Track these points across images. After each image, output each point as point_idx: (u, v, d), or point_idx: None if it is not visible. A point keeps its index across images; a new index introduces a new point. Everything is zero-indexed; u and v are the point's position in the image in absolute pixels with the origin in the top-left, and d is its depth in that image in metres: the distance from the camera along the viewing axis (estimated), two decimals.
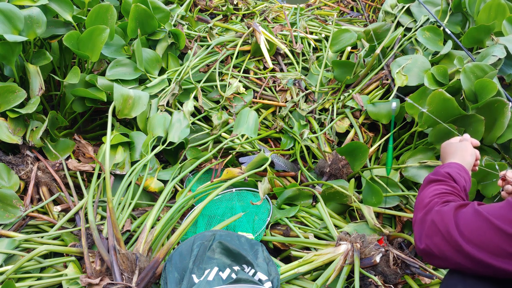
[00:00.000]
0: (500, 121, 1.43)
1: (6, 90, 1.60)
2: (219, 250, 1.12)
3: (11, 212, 1.45)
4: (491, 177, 1.34)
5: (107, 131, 1.48)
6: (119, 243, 1.23)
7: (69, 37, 1.73)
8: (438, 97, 1.52)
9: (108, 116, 1.94)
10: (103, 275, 1.17)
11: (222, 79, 2.12)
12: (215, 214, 1.54)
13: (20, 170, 1.57)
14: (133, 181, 1.54)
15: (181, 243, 1.22)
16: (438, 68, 1.78)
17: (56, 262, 1.31)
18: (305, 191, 1.64)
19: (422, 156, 1.63)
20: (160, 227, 1.33)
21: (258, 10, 2.98)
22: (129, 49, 1.99)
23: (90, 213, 1.35)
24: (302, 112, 2.00)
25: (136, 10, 1.96)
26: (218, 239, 1.15)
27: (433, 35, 2.02)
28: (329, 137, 1.90)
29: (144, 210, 1.58)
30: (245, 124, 1.85)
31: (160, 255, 1.22)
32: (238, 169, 1.61)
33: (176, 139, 1.74)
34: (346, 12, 3.15)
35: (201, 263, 1.10)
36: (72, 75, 1.73)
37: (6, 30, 1.62)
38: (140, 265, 1.16)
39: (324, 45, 2.45)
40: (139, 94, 1.79)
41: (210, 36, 2.32)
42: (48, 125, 1.67)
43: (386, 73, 2.01)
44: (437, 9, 2.17)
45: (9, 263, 1.30)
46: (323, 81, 2.21)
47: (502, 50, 1.66)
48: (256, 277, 1.10)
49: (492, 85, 1.46)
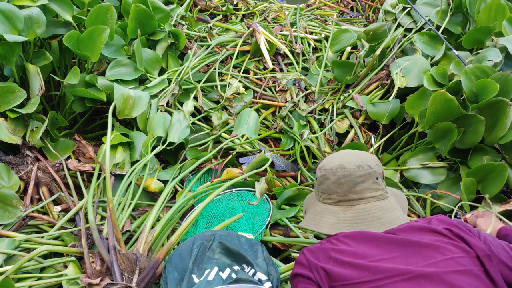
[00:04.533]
0: (502, 122, 1.43)
1: (6, 90, 1.60)
2: (219, 250, 1.12)
3: (11, 212, 1.45)
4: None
5: (107, 131, 1.48)
6: (119, 243, 1.23)
7: (69, 37, 1.73)
8: (440, 97, 1.52)
9: (108, 116, 1.96)
10: (103, 275, 1.17)
11: (222, 79, 2.12)
12: (215, 214, 1.54)
13: (20, 170, 1.57)
14: (133, 181, 1.54)
15: (181, 243, 1.22)
16: (437, 68, 1.78)
17: (56, 262, 1.31)
18: (305, 191, 1.64)
19: (422, 156, 1.63)
20: (160, 227, 1.33)
21: (258, 10, 2.98)
22: (129, 49, 1.99)
23: (90, 213, 1.35)
24: (302, 112, 2.00)
25: (136, 10, 1.96)
26: (218, 239, 1.15)
27: (431, 40, 2.03)
28: (329, 137, 1.90)
29: (144, 210, 1.58)
30: (245, 125, 1.85)
31: (161, 255, 1.22)
32: (238, 170, 1.61)
33: (176, 139, 1.74)
34: (346, 12, 3.15)
35: (201, 263, 1.10)
36: (72, 75, 1.73)
37: (6, 30, 1.62)
38: (140, 265, 1.16)
39: (324, 45, 2.45)
40: (139, 94, 1.79)
41: (210, 36, 2.32)
42: (48, 125, 1.67)
43: (386, 73, 2.02)
44: (437, 10, 2.17)
45: (9, 263, 1.30)
46: (323, 81, 2.21)
47: (498, 54, 1.67)
48: (256, 277, 1.10)
49: (494, 85, 1.47)
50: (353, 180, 0.92)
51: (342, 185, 0.93)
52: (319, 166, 0.99)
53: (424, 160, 1.62)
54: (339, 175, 0.93)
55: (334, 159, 0.98)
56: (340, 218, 0.93)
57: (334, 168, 0.94)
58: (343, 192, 0.93)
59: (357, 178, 0.92)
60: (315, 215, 0.98)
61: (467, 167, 1.53)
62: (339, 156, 0.98)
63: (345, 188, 0.93)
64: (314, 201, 1.02)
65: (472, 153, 1.54)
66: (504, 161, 1.48)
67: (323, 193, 0.98)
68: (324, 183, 0.96)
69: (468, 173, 1.47)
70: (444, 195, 1.53)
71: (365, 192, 0.92)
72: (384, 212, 0.91)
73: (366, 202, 0.92)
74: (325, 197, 0.97)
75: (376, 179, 0.93)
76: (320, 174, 0.98)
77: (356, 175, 0.92)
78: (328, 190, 0.96)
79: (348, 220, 0.92)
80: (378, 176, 0.94)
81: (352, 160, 0.94)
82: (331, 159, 0.98)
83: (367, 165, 0.93)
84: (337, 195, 0.94)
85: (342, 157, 0.97)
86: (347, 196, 0.93)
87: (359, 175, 0.92)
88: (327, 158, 1.01)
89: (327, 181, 0.95)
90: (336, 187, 0.94)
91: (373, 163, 0.95)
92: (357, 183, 0.92)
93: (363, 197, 0.92)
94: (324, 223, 0.94)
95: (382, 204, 0.93)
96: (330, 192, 0.95)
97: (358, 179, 0.92)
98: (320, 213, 0.97)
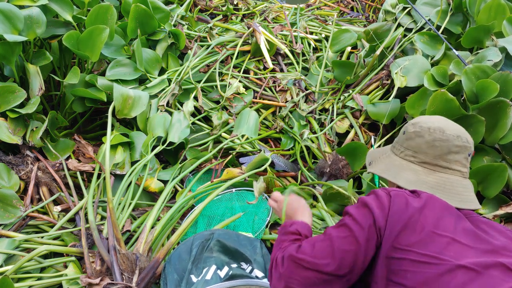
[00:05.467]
0: (503, 122, 1.43)
1: (6, 90, 1.60)
2: (216, 248, 1.12)
3: (11, 212, 1.45)
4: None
5: (107, 131, 1.48)
6: (119, 243, 1.23)
7: (69, 37, 1.73)
8: (440, 97, 1.52)
9: (108, 116, 1.96)
10: (103, 275, 1.17)
11: (222, 79, 2.12)
12: (215, 214, 1.54)
13: (20, 170, 1.57)
14: (133, 181, 1.54)
15: (180, 244, 1.22)
16: (438, 68, 1.78)
17: (56, 262, 1.31)
18: (306, 191, 1.64)
19: None
20: (160, 227, 1.33)
21: (258, 10, 2.98)
22: (129, 49, 1.99)
23: (90, 213, 1.35)
24: (302, 112, 2.00)
25: (136, 10, 1.96)
26: (217, 237, 1.15)
27: (431, 40, 2.02)
28: (329, 137, 1.90)
29: (144, 210, 1.58)
30: (245, 125, 1.85)
31: (160, 255, 1.22)
32: (238, 169, 1.61)
33: (176, 139, 1.74)
34: (346, 12, 3.15)
35: (199, 263, 1.10)
36: (72, 75, 1.73)
37: (6, 30, 1.62)
38: (140, 265, 1.16)
39: (324, 45, 2.45)
40: (139, 94, 1.79)
41: (210, 36, 2.32)
42: (48, 125, 1.67)
43: (386, 73, 2.01)
44: (437, 10, 2.16)
45: (9, 263, 1.30)
46: (323, 81, 2.21)
47: (497, 53, 1.66)
48: (253, 273, 1.10)
49: (494, 86, 1.46)
50: (448, 147, 0.87)
51: (436, 148, 0.88)
52: (413, 122, 0.93)
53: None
54: (436, 137, 0.88)
55: (433, 119, 0.92)
56: (421, 178, 0.88)
57: (433, 129, 0.89)
58: (434, 155, 0.88)
59: (453, 147, 0.87)
60: (390, 167, 0.93)
61: None
62: (438, 119, 0.92)
63: (437, 152, 0.88)
64: (389, 154, 0.97)
65: None
66: (505, 162, 1.47)
67: (407, 149, 0.91)
68: (414, 140, 0.90)
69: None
70: None
71: (455, 164, 0.88)
72: (465, 189, 0.88)
73: (452, 173, 0.88)
74: (409, 154, 0.91)
75: (468, 156, 0.89)
76: (413, 129, 0.91)
77: (453, 144, 0.87)
78: (416, 148, 0.90)
79: (430, 183, 0.87)
80: (470, 153, 0.90)
81: (452, 128, 0.90)
82: (429, 119, 0.92)
83: (466, 138, 0.89)
84: (425, 156, 0.89)
85: (441, 121, 0.92)
86: (436, 161, 0.88)
87: (457, 145, 0.87)
88: (423, 116, 0.95)
89: (419, 138, 0.90)
90: (428, 147, 0.88)
91: (470, 139, 0.90)
92: (451, 151, 0.87)
93: (451, 167, 0.88)
94: (402, 177, 0.89)
95: (465, 182, 0.89)
96: (418, 151, 0.90)
97: (454, 148, 0.87)
98: (398, 167, 0.91)
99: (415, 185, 0.87)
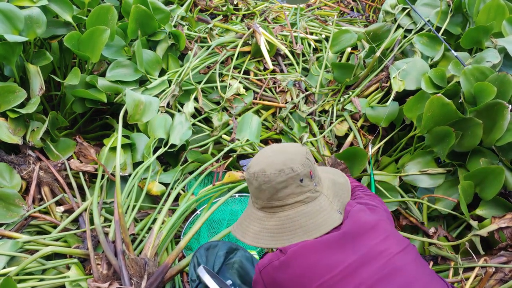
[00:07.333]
0: (500, 124, 1.44)
1: (6, 90, 1.61)
2: (236, 266, 1.14)
3: (14, 211, 1.45)
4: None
5: (118, 136, 1.50)
6: (128, 248, 1.23)
7: (70, 38, 1.73)
8: (436, 102, 1.53)
9: (108, 117, 1.97)
10: (111, 279, 1.17)
11: (223, 80, 2.12)
12: (217, 218, 1.55)
13: (22, 170, 1.57)
14: (135, 184, 1.55)
15: (203, 244, 1.20)
16: (436, 71, 1.78)
17: (59, 263, 1.32)
18: None
19: (421, 159, 1.64)
20: (166, 231, 1.33)
21: (258, 10, 2.97)
22: (129, 50, 1.99)
23: (96, 216, 1.36)
24: (302, 114, 2.00)
25: (137, 11, 1.96)
26: (240, 257, 1.16)
27: (430, 41, 2.02)
28: (329, 140, 1.91)
29: (145, 213, 1.59)
30: (248, 129, 1.86)
31: (170, 261, 1.22)
32: (240, 173, 1.62)
33: (178, 141, 1.74)
34: (346, 12, 3.15)
35: (219, 272, 1.13)
36: (72, 76, 1.73)
37: (6, 30, 1.61)
38: (148, 270, 1.16)
39: (324, 46, 2.46)
40: (149, 100, 1.80)
41: (210, 37, 2.32)
42: (48, 125, 1.67)
43: (386, 75, 2.02)
44: (436, 11, 2.17)
45: (12, 264, 1.31)
46: (323, 82, 2.21)
47: (496, 55, 1.67)
48: None
49: (491, 88, 1.47)
50: (274, 187, 0.84)
51: (264, 191, 0.85)
52: (247, 166, 0.91)
53: (422, 164, 1.63)
54: (260, 181, 0.85)
55: (259, 159, 0.89)
56: (264, 226, 0.86)
57: (256, 173, 0.86)
58: (266, 198, 0.85)
59: (278, 184, 0.83)
60: (244, 219, 0.91)
61: (466, 170, 1.53)
62: (265, 156, 0.89)
63: (267, 194, 0.85)
64: (249, 201, 0.95)
65: (471, 155, 1.54)
66: (502, 163, 1.49)
67: (252, 196, 0.90)
68: (250, 187, 0.89)
69: (465, 176, 1.48)
70: (441, 198, 1.54)
71: (288, 198, 0.84)
72: (309, 218, 0.84)
73: (290, 208, 0.85)
74: (253, 201, 0.90)
75: (301, 182, 0.84)
76: (247, 176, 0.89)
77: (277, 182, 0.83)
78: (253, 194, 0.88)
79: (271, 229, 0.85)
80: (303, 178, 0.85)
81: (275, 163, 0.85)
82: (257, 160, 0.89)
83: (289, 168, 0.84)
84: (261, 201, 0.87)
85: (266, 158, 0.88)
86: (270, 203, 0.86)
87: (280, 181, 0.83)
88: (256, 156, 0.92)
89: (251, 185, 0.88)
90: (259, 193, 0.86)
91: (297, 163, 0.85)
92: (279, 189, 0.84)
93: (286, 203, 0.85)
94: (250, 231, 0.88)
95: (308, 208, 0.85)
96: (256, 197, 0.88)
97: (279, 185, 0.83)
98: (248, 218, 0.90)
99: (259, 235, 0.86)
